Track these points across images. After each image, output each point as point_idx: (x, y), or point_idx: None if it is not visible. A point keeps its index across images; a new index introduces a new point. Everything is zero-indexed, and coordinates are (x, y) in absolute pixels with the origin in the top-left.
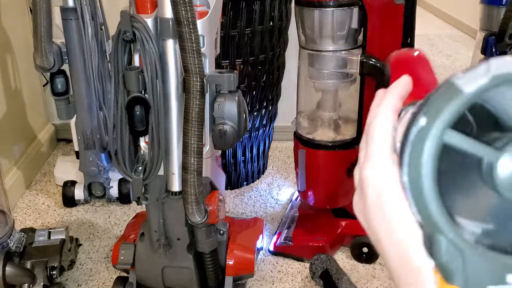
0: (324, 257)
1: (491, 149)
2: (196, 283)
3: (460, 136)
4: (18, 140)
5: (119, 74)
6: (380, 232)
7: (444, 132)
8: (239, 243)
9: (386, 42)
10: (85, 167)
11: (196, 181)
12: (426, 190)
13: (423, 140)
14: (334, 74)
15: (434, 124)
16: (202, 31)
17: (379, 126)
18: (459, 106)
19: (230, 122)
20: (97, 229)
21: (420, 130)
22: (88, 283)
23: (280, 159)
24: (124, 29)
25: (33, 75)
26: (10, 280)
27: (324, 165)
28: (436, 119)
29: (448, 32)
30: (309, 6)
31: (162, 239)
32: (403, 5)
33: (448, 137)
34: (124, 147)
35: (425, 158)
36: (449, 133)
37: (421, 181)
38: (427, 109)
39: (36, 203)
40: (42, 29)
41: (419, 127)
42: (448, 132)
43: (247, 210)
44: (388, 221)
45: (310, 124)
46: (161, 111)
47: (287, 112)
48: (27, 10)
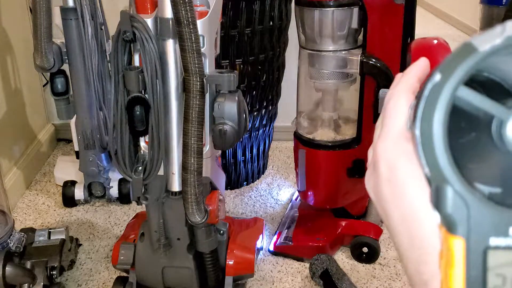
0: (324, 257)
1: (502, 107)
2: (196, 283)
3: (472, 93)
4: (18, 140)
5: (119, 74)
6: (389, 205)
7: (458, 88)
8: (239, 243)
9: (386, 42)
10: (85, 167)
11: (196, 181)
12: (436, 142)
13: (437, 94)
14: (334, 74)
15: (449, 79)
16: (202, 31)
17: (395, 104)
18: (473, 63)
19: (230, 122)
20: (97, 229)
21: (435, 85)
22: (88, 283)
23: (280, 159)
24: (124, 29)
25: (33, 75)
26: (10, 280)
27: (324, 165)
28: (451, 75)
29: (448, 32)
30: (309, 6)
31: (162, 239)
32: (403, 5)
33: (461, 93)
34: (124, 147)
35: (438, 111)
36: (462, 89)
37: (432, 133)
38: (443, 66)
39: (36, 203)
40: (42, 29)
41: (434, 83)
42: (461, 88)
43: (247, 210)
44: (398, 194)
45: (310, 124)
46: (161, 111)
47: (287, 112)
48: (27, 10)
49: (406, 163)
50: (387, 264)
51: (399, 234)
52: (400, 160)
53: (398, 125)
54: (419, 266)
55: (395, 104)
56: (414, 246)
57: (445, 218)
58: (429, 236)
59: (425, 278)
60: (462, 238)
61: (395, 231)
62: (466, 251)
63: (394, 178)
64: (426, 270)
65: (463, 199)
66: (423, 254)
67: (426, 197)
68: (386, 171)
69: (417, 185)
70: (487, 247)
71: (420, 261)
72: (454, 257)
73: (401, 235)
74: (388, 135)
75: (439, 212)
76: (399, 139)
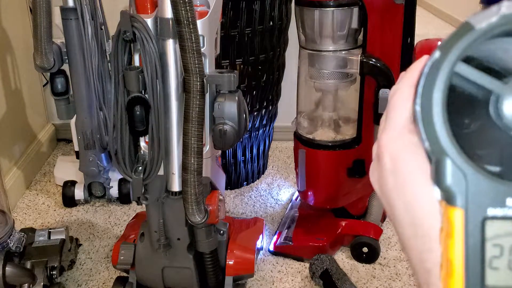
0: (324, 257)
1: (499, 82)
2: (196, 283)
3: (470, 69)
4: (18, 140)
5: (119, 74)
6: (393, 195)
7: (456, 64)
8: (239, 243)
9: (386, 42)
10: (85, 167)
11: (196, 181)
12: (435, 115)
13: (436, 70)
14: (334, 74)
15: (447, 56)
16: (202, 31)
17: (399, 99)
18: (470, 40)
19: (230, 122)
20: (97, 229)
21: (434, 62)
22: (88, 283)
23: (280, 159)
24: (124, 29)
25: (33, 75)
26: (10, 280)
27: (324, 165)
28: (449, 51)
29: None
30: (309, 6)
31: (162, 239)
32: (403, 5)
33: (460, 69)
34: (124, 147)
35: (437, 86)
36: (461, 65)
37: (432, 107)
38: (442, 45)
39: (36, 203)
40: (42, 29)
41: (433, 60)
42: (460, 64)
43: (247, 210)
44: (402, 184)
45: (310, 124)
46: (161, 111)
47: (287, 112)
48: (27, 10)
49: (410, 154)
50: (387, 264)
51: (403, 224)
52: (404, 152)
53: (402, 118)
54: (422, 254)
55: (399, 98)
56: (418, 234)
57: (445, 191)
58: (432, 224)
59: (428, 266)
60: (461, 209)
61: (399, 221)
62: (464, 221)
63: (397, 168)
64: (429, 258)
65: (461, 170)
66: (426, 242)
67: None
68: (390, 162)
69: (420, 175)
70: (485, 218)
71: (424, 249)
72: (454, 228)
73: (405, 224)
74: (392, 128)
75: (439, 186)
76: (403, 131)
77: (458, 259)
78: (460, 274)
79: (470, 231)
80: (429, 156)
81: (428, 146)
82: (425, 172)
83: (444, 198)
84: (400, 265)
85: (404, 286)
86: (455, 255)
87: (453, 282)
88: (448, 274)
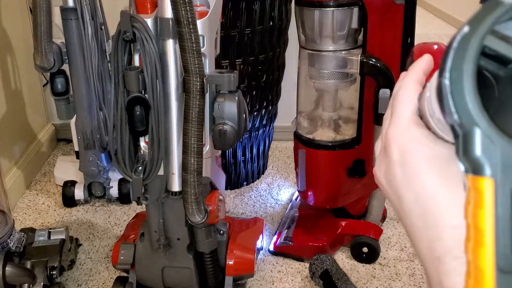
0: (324, 257)
1: None
2: (196, 283)
3: (499, 41)
4: (18, 140)
5: (119, 74)
6: (402, 187)
7: (485, 37)
8: (239, 243)
9: (386, 42)
10: (85, 167)
11: (196, 181)
12: (466, 87)
13: (466, 44)
14: (334, 74)
15: (477, 30)
16: (202, 31)
17: (405, 93)
18: (500, 14)
19: (230, 122)
20: (97, 229)
21: (464, 36)
22: (88, 283)
23: (280, 159)
24: (124, 29)
25: (33, 75)
26: (10, 280)
27: (324, 165)
28: (479, 25)
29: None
30: (309, 6)
31: (162, 239)
32: (403, 5)
33: (489, 41)
34: (124, 147)
35: (468, 58)
36: (490, 38)
37: (462, 79)
38: (471, 20)
39: (36, 203)
40: (42, 29)
41: (462, 34)
42: (489, 38)
43: (247, 210)
44: (411, 175)
45: (310, 124)
46: (161, 111)
47: (287, 112)
48: (27, 10)
49: (418, 146)
50: (387, 264)
51: (412, 215)
52: (412, 144)
53: (408, 112)
54: (432, 243)
55: (405, 92)
56: (428, 224)
57: (473, 162)
58: (443, 212)
59: (438, 254)
60: (491, 179)
61: (408, 213)
62: (494, 191)
63: (406, 160)
64: (439, 246)
65: (491, 140)
66: (436, 232)
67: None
68: (398, 155)
69: (429, 166)
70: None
71: (434, 239)
72: (484, 197)
73: (414, 215)
74: (399, 122)
75: (467, 158)
76: (410, 124)
77: (488, 229)
78: (491, 244)
79: (500, 201)
80: (455, 131)
81: (457, 119)
82: (434, 164)
83: (472, 170)
84: (400, 265)
85: (404, 286)
86: (486, 225)
87: (483, 251)
88: (478, 244)
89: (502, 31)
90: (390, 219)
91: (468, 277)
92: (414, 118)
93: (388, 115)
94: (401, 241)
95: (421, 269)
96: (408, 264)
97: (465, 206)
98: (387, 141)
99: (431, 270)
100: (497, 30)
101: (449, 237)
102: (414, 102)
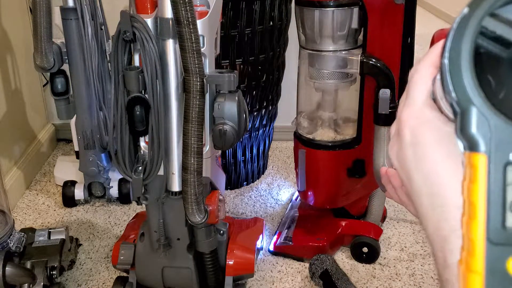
0: (324, 257)
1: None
2: (196, 283)
3: (497, 23)
4: (18, 140)
5: (119, 74)
6: (412, 167)
7: (484, 19)
8: (239, 243)
9: (386, 42)
10: (85, 167)
11: (196, 181)
12: (463, 66)
13: (465, 24)
14: (334, 74)
15: (476, 11)
16: (202, 31)
17: (420, 76)
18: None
19: (230, 122)
20: (97, 229)
21: (463, 17)
22: (88, 283)
23: (280, 159)
24: (124, 29)
25: (33, 75)
26: (10, 280)
27: (324, 165)
28: (478, 7)
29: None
30: (310, 6)
31: (162, 239)
32: (403, 5)
33: (487, 22)
34: (124, 147)
35: (466, 39)
36: (488, 19)
37: (460, 58)
38: (470, 3)
39: (36, 203)
40: (42, 29)
41: (462, 15)
42: (487, 19)
43: (247, 210)
44: (421, 156)
45: (310, 124)
46: (161, 111)
47: (287, 112)
48: (27, 10)
49: (429, 128)
50: (387, 264)
51: (421, 195)
52: (424, 125)
53: (422, 94)
54: (439, 223)
55: (420, 75)
56: (435, 204)
57: (469, 139)
58: (449, 193)
59: (445, 233)
60: (485, 155)
61: (418, 193)
62: (487, 167)
63: (417, 141)
64: (446, 226)
65: (486, 118)
66: (443, 212)
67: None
68: (410, 135)
69: (439, 148)
70: (507, 163)
71: (440, 219)
72: (477, 173)
73: (423, 195)
74: (413, 104)
75: (464, 136)
76: (423, 107)
77: (480, 202)
78: (482, 217)
79: (492, 176)
80: (454, 110)
81: (454, 97)
82: (444, 146)
83: (468, 147)
84: (400, 265)
85: (404, 286)
86: (478, 199)
87: (475, 224)
88: (471, 217)
89: (504, 14)
90: (390, 219)
91: (462, 249)
92: (428, 101)
93: (404, 98)
94: (401, 241)
95: (421, 269)
96: (408, 264)
97: (462, 182)
98: (400, 123)
99: (437, 249)
100: (499, 13)
101: (454, 217)
102: (428, 85)
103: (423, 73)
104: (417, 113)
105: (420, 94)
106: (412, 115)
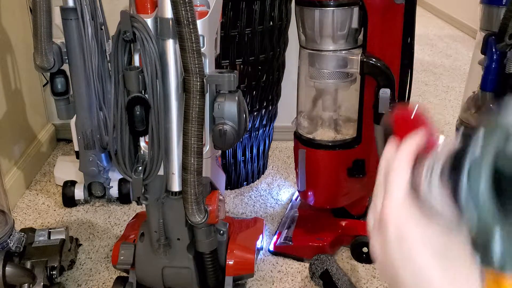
0: (324, 257)
1: None
2: (196, 283)
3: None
4: (18, 140)
5: (119, 74)
6: (398, 265)
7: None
8: (239, 243)
9: (386, 42)
10: (85, 167)
11: (196, 181)
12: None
13: (479, 168)
14: (334, 74)
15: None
16: (202, 31)
17: (397, 174)
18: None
19: (230, 122)
20: (97, 229)
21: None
22: (88, 283)
23: (280, 159)
24: (124, 29)
25: (33, 75)
26: (10, 280)
27: (324, 165)
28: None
29: (448, 32)
30: (310, 5)
31: (162, 239)
32: (403, 5)
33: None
34: (124, 147)
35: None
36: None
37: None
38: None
39: (36, 203)
40: (42, 29)
41: (473, 158)
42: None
43: (247, 210)
44: (408, 258)
45: (310, 124)
46: (161, 111)
47: (287, 112)
48: (27, 10)
49: (413, 226)
50: None
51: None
52: (408, 224)
53: (402, 187)
54: None
55: (398, 171)
56: None
57: (498, 260)
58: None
59: None
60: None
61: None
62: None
63: (402, 240)
64: None
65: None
66: None
67: (434, 257)
68: (394, 233)
69: (424, 246)
70: None
71: None
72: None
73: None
74: (394, 197)
75: (487, 258)
76: (405, 202)
77: None
78: None
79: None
80: (475, 239)
81: (475, 228)
82: (428, 243)
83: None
84: None
85: None
86: None
87: None
88: None
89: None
90: None
91: None
92: (408, 196)
93: (381, 191)
94: None
95: None
96: None
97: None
98: (383, 216)
99: None
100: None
101: None
102: (407, 178)
103: (401, 167)
104: (399, 211)
105: (400, 187)
106: (394, 211)
